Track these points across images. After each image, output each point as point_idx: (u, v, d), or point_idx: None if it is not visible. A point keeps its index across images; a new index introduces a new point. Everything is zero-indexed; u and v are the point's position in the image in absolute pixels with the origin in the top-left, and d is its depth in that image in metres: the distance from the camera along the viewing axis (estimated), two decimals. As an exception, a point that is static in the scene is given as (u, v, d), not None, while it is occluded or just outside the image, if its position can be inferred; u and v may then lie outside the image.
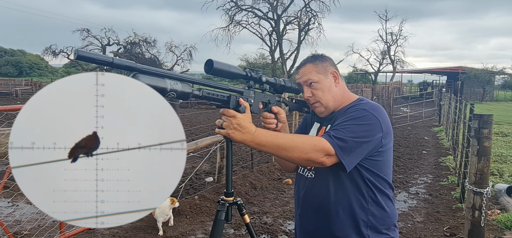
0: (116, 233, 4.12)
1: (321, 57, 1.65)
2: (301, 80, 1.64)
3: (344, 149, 1.42)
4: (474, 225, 3.21)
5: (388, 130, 1.53)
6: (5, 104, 15.89)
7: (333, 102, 1.62)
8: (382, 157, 1.54)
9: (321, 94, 1.60)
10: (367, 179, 1.53)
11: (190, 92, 1.29)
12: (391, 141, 1.58)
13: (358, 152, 1.45)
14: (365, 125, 1.47)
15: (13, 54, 66.56)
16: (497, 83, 44.96)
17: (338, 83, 1.63)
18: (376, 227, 1.55)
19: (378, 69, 42.88)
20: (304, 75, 1.62)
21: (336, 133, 1.44)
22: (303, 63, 1.66)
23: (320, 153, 1.40)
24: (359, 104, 1.57)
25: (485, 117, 3.20)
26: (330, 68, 1.63)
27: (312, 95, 1.61)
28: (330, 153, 1.41)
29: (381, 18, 41.34)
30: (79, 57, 1.09)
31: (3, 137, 3.89)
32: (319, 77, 1.60)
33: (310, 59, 1.65)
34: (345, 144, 1.42)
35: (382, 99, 19.07)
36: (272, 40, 29.40)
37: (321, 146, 1.40)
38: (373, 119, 1.49)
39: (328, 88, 1.60)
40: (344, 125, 1.47)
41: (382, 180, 1.56)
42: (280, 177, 6.73)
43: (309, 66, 1.62)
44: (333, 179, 1.54)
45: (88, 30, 31.36)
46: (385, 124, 1.51)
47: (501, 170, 7.08)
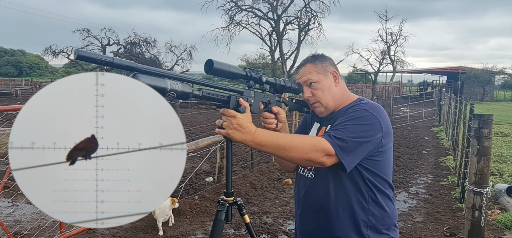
0: (116, 233, 4.11)
1: (321, 57, 1.65)
2: (301, 80, 1.64)
3: (344, 149, 1.42)
4: (474, 225, 3.20)
5: (388, 130, 1.53)
6: (5, 104, 15.88)
7: (333, 102, 1.62)
8: (382, 157, 1.54)
9: (321, 94, 1.60)
10: (367, 179, 1.53)
11: (190, 92, 1.29)
12: (391, 141, 1.58)
13: (358, 152, 1.45)
14: (365, 125, 1.47)
15: (13, 54, 66.57)
16: (497, 83, 44.99)
17: (338, 83, 1.63)
18: (376, 227, 1.55)
19: (378, 69, 42.86)
20: (304, 75, 1.63)
21: (336, 133, 1.44)
22: (303, 63, 1.67)
23: (320, 153, 1.40)
24: (359, 104, 1.57)
25: (485, 117, 3.20)
26: (330, 68, 1.63)
27: (312, 95, 1.61)
28: (330, 153, 1.41)
29: (381, 18, 41.35)
30: (79, 57, 1.09)
31: (3, 137, 3.89)
32: (319, 77, 1.60)
33: (310, 59, 1.65)
34: (345, 144, 1.42)
35: (382, 99, 19.08)
36: (272, 40, 29.41)
37: (321, 146, 1.40)
38: (373, 118, 1.49)
39: (328, 88, 1.60)
40: (344, 125, 1.47)
41: (382, 180, 1.56)
42: (280, 177, 6.73)
43: (309, 66, 1.62)
44: (333, 179, 1.54)
45: (88, 30, 31.42)
46: (385, 123, 1.51)
47: (501, 170, 7.08)
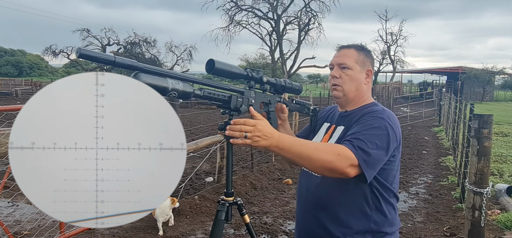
0: (116, 233, 4.11)
1: (367, 51, 1.64)
2: (337, 59, 1.61)
3: (367, 163, 1.40)
4: (474, 225, 3.20)
5: (400, 141, 1.54)
6: (5, 104, 15.89)
7: (354, 95, 1.61)
8: (390, 166, 1.53)
9: (348, 82, 1.59)
10: (374, 187, 1.52)
11: (191, 92, 1.29)
12: (400, 150, 1.58)
13: (378, 166, 1.45)
14: (384, 136, 1.45)
15: (13, 54, 66.51)
16: (497, 83, 44.97)
17: (367, 82, 1.63)
18: (376, 233, 1.55)
19: (378, 69, 42.79)
20: (342, 56, 1.60)
21: (360, 143, 1.41)
22: (349, 46, 1.64)
23: (345, 161, 1.36)
24: (377, 111, 1.55)
25: (485, 117, 3.19)
26: (368, 65, 1.62)
27: (339, 77, 1.60)
28: (354, 164, 1.38)
29: (381, 18, 41.32)
30: (81, 55, 1.08)
31: (3, 137, 3.89)
32: (355, 66, 1.59)
33: (357, 46, 1.64)
34: (369, 158, 1.40)
35: (382, 99, 19.08)
36: (272, 40, 29.38)
37: (345, 155, 1.37)
38: (391, 129, 1.48)
39: (357, 81, 1.59)
40: (366, 134, 1.44)
41: (388, 189, 1.56)
42: (280, 177, 6.73)
43: (352, 51, 1.61)
44: (340, 181, 1.51)
45: (88, 30, 31.41)
46: (398, 133, 1.51)
47: (501, 170, 7.08)
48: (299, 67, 29.61)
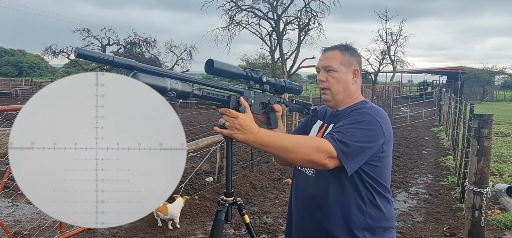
0: (116, 233, 4.11)
1: (351, 50, 1.64)
2: (322, 62, 1.62)
3: (346, 154, 1.42)
4: (474, 225, 3.20)
5: (389, 136, 1.53)
6: (5, 104, 15.88)
7: (343, 96, 1.61)
8: (381, 163, 1.54)
9: (335, 84, 1.59)
10: (367, 182, 1.53)
11: (190, 92, 1.29)
12: (391, 147, 1.58)
13: (360, 157, 1.46)
14: (368, 130, 1.47)
15: (13, 54, 66.48)
16: (497, 83, 44.98)
17: (355, 81, 1.63)
18: (373, 228, 1.56)
19: (378, 69, 42.81)
20: (327, 59, 1.61)
21: (340, 135, 1.44)
22: (333, 47, 1.64)
23: (322, 154, 1.39)
24: (364, 107, 1.57)
25: (485, 117, 3.19)
26: (354, 64, 1.62)
27: (326, 80, 1.60)
28: (333, 156, 1.40)
29: (381, 18, 41.30)
30: (79, 55, 1.08)
31: (3, 137, 3.89)
32: (340, 68, 1.59)
33: (341, 47, 1.63)
34: (348, 149, 1.42)
35: (382, 99, 19.07)
36: (272, 40, 29.41)
37: (323, 148, 1.40)
38: (376, 124, 1.49)
39: (344, 82, 1.60)
40: (348, 128, 1.46)
41: (381, 184, 1.57)
42: (280, 177, 6.73)
43: (336, 53, 1.60)
44: (333, 179, 1.54)
45: (88, 30, 31.43)
46: (387, 129, 1.51)
47: (501, 170, 7.08)
48: (299, 67, 29.64)
